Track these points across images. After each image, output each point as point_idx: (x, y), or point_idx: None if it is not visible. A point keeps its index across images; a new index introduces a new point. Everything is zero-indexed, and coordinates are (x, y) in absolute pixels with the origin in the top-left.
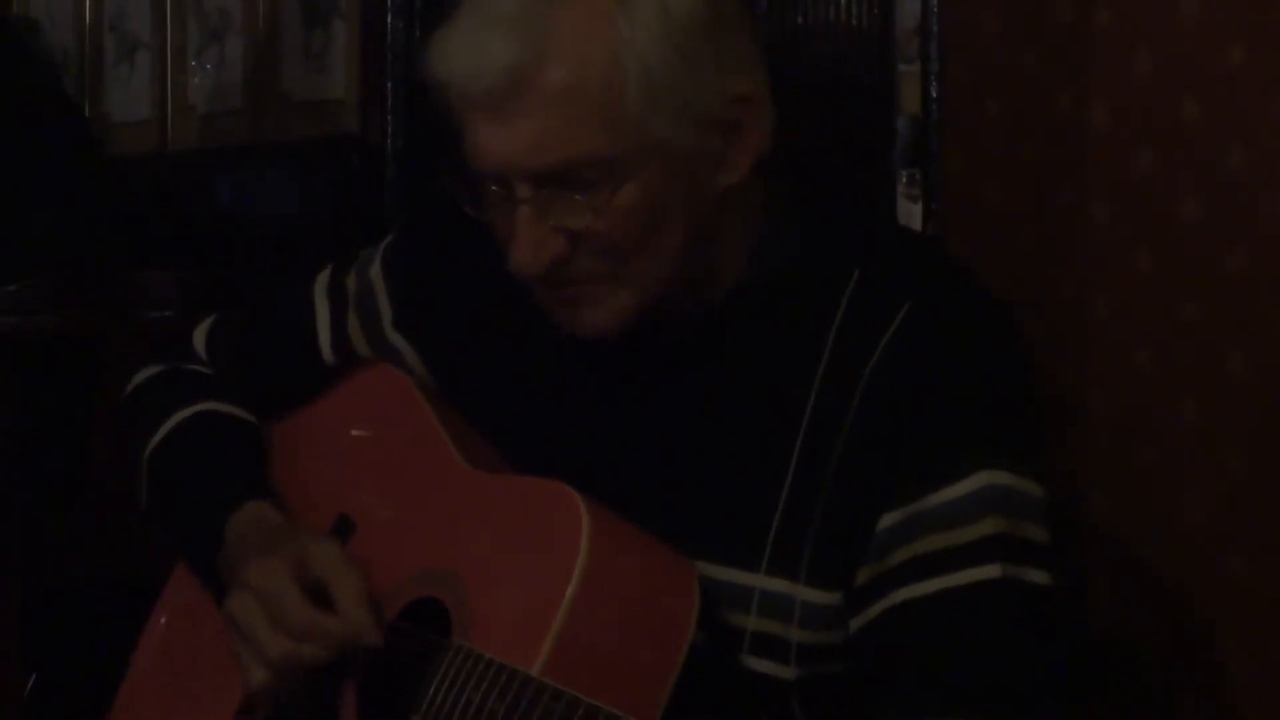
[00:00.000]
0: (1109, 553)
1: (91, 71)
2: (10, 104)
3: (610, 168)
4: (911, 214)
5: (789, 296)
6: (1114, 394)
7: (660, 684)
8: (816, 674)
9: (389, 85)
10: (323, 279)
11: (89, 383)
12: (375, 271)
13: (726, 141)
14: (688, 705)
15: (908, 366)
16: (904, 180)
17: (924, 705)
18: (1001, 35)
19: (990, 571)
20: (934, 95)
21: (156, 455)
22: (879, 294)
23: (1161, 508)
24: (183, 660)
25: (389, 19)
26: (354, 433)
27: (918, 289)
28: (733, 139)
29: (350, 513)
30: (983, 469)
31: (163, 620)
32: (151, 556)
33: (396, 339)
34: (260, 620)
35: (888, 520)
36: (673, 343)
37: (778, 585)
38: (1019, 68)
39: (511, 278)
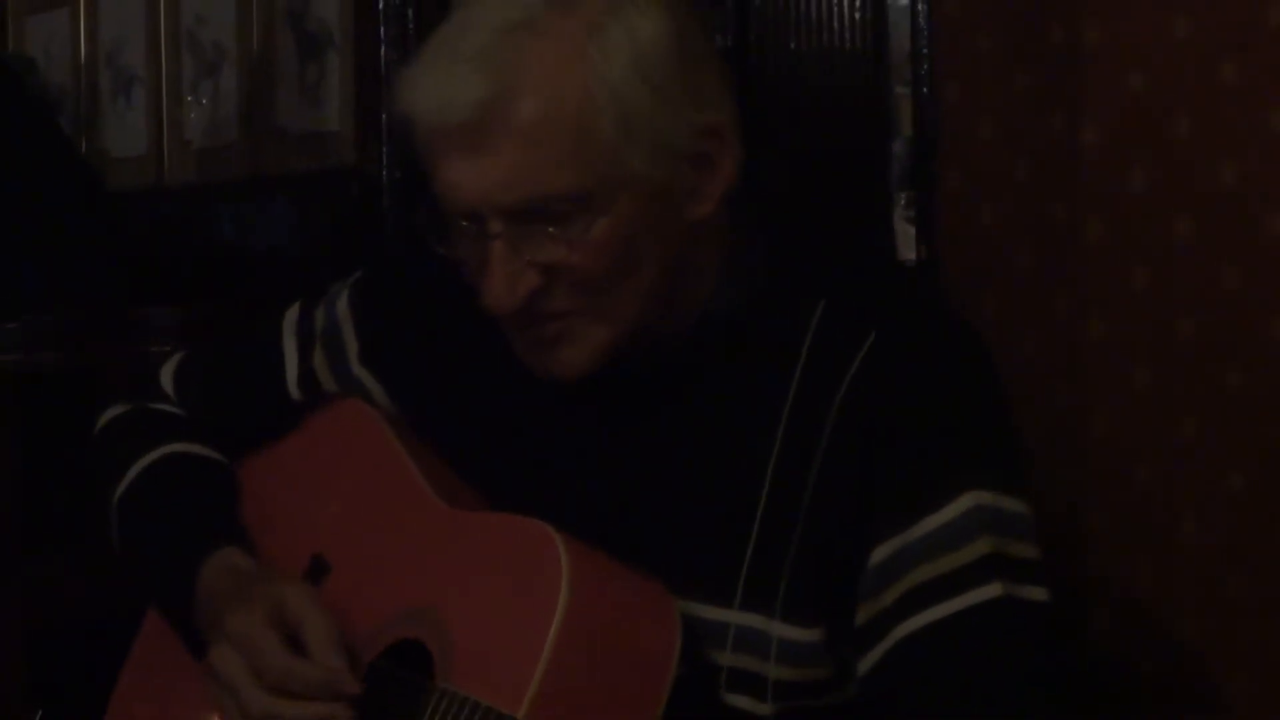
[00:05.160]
0: (1109, 572)
1: (88, 107)
2: (7, 143)
3: (584, 201)
4: (908, 236)
5: (755, 327)
6: (1112, 413)
7: (645, 718)
8: (794, 709)
9: (384, 117)
10: (291, 315)
11: (91, 418)
12: (342, 306)
13: (697, 173)
14: None
15: (877, 395)
16: (901, 203)
17: None
18: (994, 56)
19: (989, 592)
20: (929, 117)
21: (125, 500)
22: (844, 323)
23: (1161, 527)
24: (160, 695)
25: (383, 50)
26: (325, 470)
27: (882, 316)
28: (703, 171)
29: (324, 553)
30: (967, 490)
31: (141, 653)
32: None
33: (362, 373)
34: (242, 674)
35: (878, 555)
36: (641, 377)
37: (752, 621)
38: (1012, 88)
39: (480, 312)
